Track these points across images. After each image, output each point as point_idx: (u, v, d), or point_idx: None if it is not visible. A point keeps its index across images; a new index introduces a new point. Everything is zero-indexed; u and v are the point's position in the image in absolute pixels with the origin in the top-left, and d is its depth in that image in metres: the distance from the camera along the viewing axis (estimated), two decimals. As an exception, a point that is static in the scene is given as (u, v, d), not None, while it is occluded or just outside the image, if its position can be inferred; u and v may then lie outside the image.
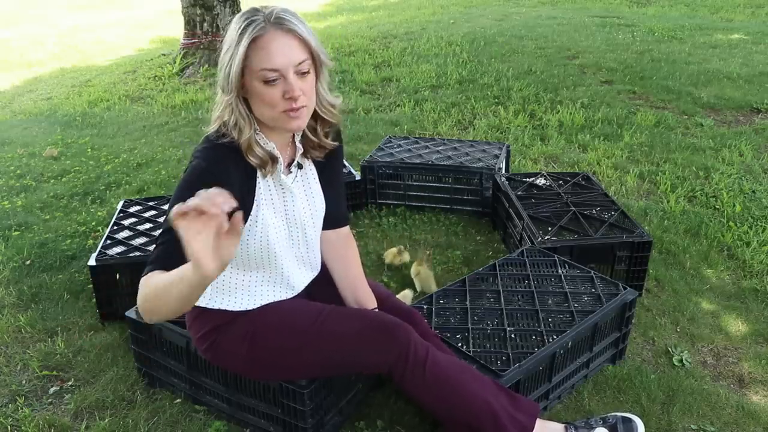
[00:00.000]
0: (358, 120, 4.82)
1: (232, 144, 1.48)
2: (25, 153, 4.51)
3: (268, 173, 1.55)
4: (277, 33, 1.41)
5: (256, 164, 1.51)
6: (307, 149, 1.66)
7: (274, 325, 1.65)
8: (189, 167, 1.47)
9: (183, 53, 6.74)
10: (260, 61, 1.40)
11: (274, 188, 1.61)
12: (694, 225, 3.09)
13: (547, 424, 1.71)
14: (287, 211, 1.64)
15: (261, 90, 1.43)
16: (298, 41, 1.43)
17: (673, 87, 5.40)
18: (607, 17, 8.86)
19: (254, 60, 1.41)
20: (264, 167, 1.53)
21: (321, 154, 1.68)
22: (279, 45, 1.41)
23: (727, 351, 2.25)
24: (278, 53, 1.40)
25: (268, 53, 1.40)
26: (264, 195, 1.58)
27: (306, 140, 1.65)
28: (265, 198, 1.58)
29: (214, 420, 1.91)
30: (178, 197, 1.38)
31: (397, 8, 10.77)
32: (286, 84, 1.42)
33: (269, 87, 1.42)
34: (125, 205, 2.84)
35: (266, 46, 1.40)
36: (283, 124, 1.48)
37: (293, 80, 1.42)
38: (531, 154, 4.05)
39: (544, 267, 2.29)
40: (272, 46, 1.40)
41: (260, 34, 1.40)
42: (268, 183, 1.59)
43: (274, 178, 1.60)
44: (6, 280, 2.75)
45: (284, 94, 1.42)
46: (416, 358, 1.57)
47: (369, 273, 2.63)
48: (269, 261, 1.62)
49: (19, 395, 2.05)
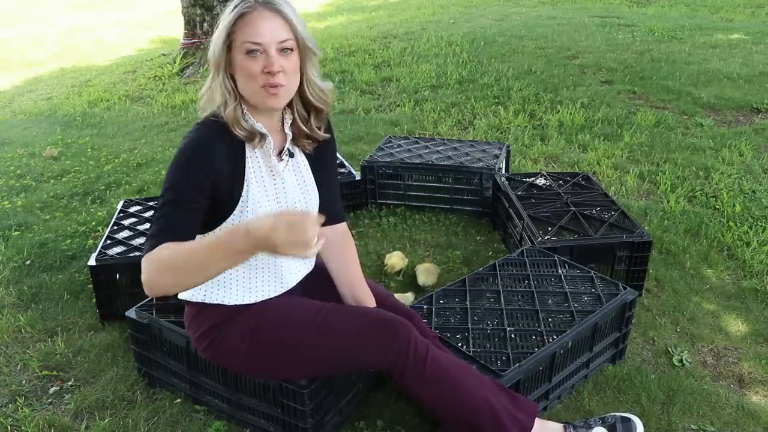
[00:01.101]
0: (358, 120, 4.82)
1: (222, 125, 1.53)
2: (25, 153, 4.51)
3: (256, 146, 1.58)
4: (264, 12, 1.48)
5: (243, 136, 1.54)
6: (297, 139, 1.68)
7: (273, 323, 1.65)
8: (180, 148, 1.52)
9: (183, 53, 6.74)
10: (244, 35, 1.47)
11: (265, 170, 1.61)
12: (694, 225, 3.09)
13: (547, 424, 1.71)
14: (278, 196, 1.64)
15: (243, 62, 1.49)
16: (283, 21, 1.50)
17: (673, 87, 5.40)
18: (607, 17, 8.86)
19: (239, 34, 1.48)
20: (252, 140, 1.56)
21: (311, 145, 1.70)
22: (264, 22, 1.48)
23: (727, 351, 2.25)
24: (263, 29, 1.47)
25: (253, 28, 1.47)
26: (255, 176, 1.59)
27: (296, 129, 1.66)
28: (256, 179, 1.59)
29: (214, 420, 1.91)
30: (175, 174, 1.48)
31: (397, 8, 10.77)
32: (267, 59, 1.47)
33: (250, 60, 1.48)
34: (125, 205, 2.85)
35: (252, 21, 1.47)
36: (261, 100, 1.52)
37: (274, 56, 1.48)
38: (531, 154, 4.05)
39: (544, 267, 2.29)
40: (258, 22, 1.47)
41: (248, 11, 1.48)
42: (259, 165, 1.60)
43: (264, 160, 1.61)
44: (6, 280, 2.76)
45: (264, 68, 1.47)
46: (416, 356, 1.57)
47: (369, 273, 2.63)
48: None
49: (19, 395, 2.05)
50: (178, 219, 1.44)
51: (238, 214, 1.57)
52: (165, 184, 1.48)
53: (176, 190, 1.46)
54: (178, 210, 1.45)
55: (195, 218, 1.48)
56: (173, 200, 1.45)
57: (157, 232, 1.42)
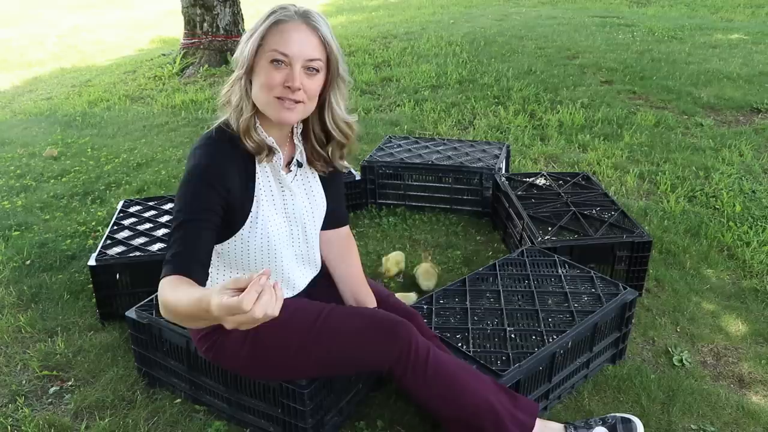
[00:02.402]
0: (358, 120, 4.81)
1: (231, 139, 1.51)
2: (25, 153, 4.51)
3: (263, 160, 1.56)
4: (300, 25, 1.45)
5: (252, 148, 1.52)
6: (311, 160, 1.67)
7: (275, 325, 1.63)
8: (190, 166, 1.49)
9: (183, 53, 6.74)
10: (275, 43, 1.44)
11: (274, 185, 1.61)
12: (694, 225, 3.09)
13: (547, 424, 1.71)
14: (287, 209, 1.64)
15: (266, 69, 1.45)
16: (318, 40, 1.47)
17: (673, 87, 5.40)
18: (607, 17, 8.86)
19: (270, 40, 1.45)
20: (260, 153, 1.54)
21: (325, 168, 1.69)
22: (298, 35, 1.44)
23: (727, 351, 2.25)
24: (294, 41, 1.44)
25: (285, 38, 1.44)
26: (264, 191, 1.58)
27: (310, 150, 1.65)
28: (266, 194, 1.59)
29: (214, 420, 1.91)
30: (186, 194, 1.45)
31: (397, 8, 10.77)
32: (291, 73, 1.44)
33: (273, 68, 1.45)
34: (125, 205, 2.85)
35: (285, 31, 1.44)
36: (273, 110, 1.48)
37: (298, 72, 1.45)
38: (531, 154, 4.05)
39: (544, 267, 2.29)
40: (291, 34, 1.44)
41: (284, 20, 1.45)
42: (269, 180, 1.60)
43: (273, 174, 1.60)
44: (6, 280, 2.75)
45: (285, 81, 1.44)
46: (418, 356, 1.57)
47: (369, 273, 2.63)
48: (270, 259, 1.62)
49: (19, 395, 2.05)
50: (192, 241, 1.42)
51: (248, 228, 1.57)
52: (177, 204, 1.46)
53: (189, 211, 1.44)
54: (192, 230, 1.43)
55: (209, 237, 1.46)
56: (187, 221, 1.43)
57: (172, 257, 1.40)
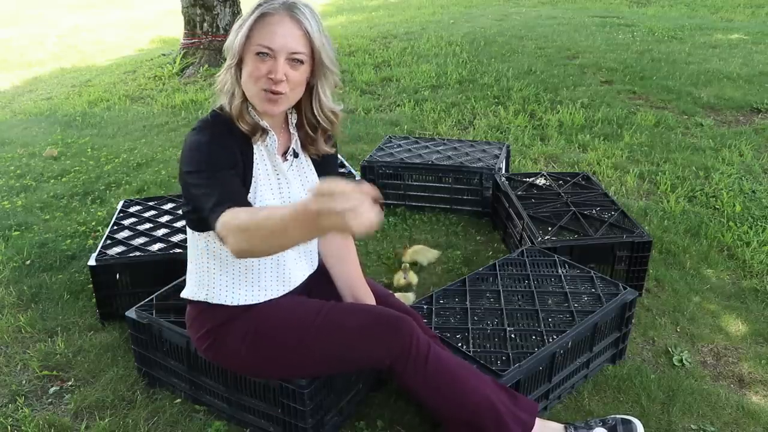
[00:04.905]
0: (358, 120, 4.82)
1: (226, 122, 1.54)
2: (25, 153, 4.51)
3: (258, 140, 1.58)
4: (284, 18, 1.47)
5: (246, 130, 1.54)
6: (305, 144, 1.69)
7: (274, 322, 1.65)
8: (190, 142, 1.50)
9: (183, 53, 6.74)
10: (260, 36, 1.47)
11: (270, 169, 1.62)
12: (694, 225, 3.09)
13: (547, 424, 1.71)
14: (282, 194, 1.65)
15: (251, 61, 1.49)
16: (301, 33, 1.49)
17: (673, 87, 5.40)
18: (607, 17, 8.86)
19: (256, 34, 1.48)
20: (254, 134, 1.56)
21: (315, 154, 1.72)
22: (282, 28, 1.47)
23: (727, 351, 2.25)
24: (278, 35, 1.46)
25: (269, 32, 1.47)
26: (261, 174, 1.59)
27: (304, 133, 1.67)
28: (263, 177, 1.60)
29: (214, 420, 1.91)
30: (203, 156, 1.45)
31: (397, 8, 10.77)
32: (274, 64, 1.47)
33: (258, 61, 1.48)
34: (125, 205, 2.85)
35: (270, 24, 1.47)
36: (259, 103, 1.52)
37: (281, 63, 1.47)
38: (531, 154, 4.05)
39: (544, 267, 2.29)
40: (275, 27, 1.47)
41: (269, 13, 1.47)
42: (265, 164, 1.61)
43: (269, 158, 1.62)
44: (6, 280, 2.75)
45: (269, 73, 1.47)
46: (418, 352, 1.57)
47: (369, 273, 2.63)
48: None
49: (19, 395, 2.05)
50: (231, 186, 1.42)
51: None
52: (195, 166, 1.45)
53: (211, 165, 1.45)
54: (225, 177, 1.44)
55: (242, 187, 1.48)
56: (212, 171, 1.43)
57: (220, 200, 1.36)
